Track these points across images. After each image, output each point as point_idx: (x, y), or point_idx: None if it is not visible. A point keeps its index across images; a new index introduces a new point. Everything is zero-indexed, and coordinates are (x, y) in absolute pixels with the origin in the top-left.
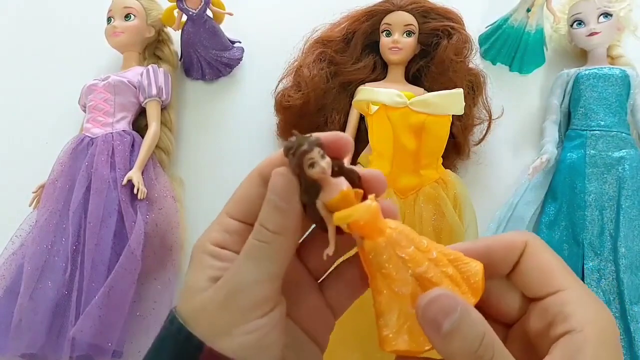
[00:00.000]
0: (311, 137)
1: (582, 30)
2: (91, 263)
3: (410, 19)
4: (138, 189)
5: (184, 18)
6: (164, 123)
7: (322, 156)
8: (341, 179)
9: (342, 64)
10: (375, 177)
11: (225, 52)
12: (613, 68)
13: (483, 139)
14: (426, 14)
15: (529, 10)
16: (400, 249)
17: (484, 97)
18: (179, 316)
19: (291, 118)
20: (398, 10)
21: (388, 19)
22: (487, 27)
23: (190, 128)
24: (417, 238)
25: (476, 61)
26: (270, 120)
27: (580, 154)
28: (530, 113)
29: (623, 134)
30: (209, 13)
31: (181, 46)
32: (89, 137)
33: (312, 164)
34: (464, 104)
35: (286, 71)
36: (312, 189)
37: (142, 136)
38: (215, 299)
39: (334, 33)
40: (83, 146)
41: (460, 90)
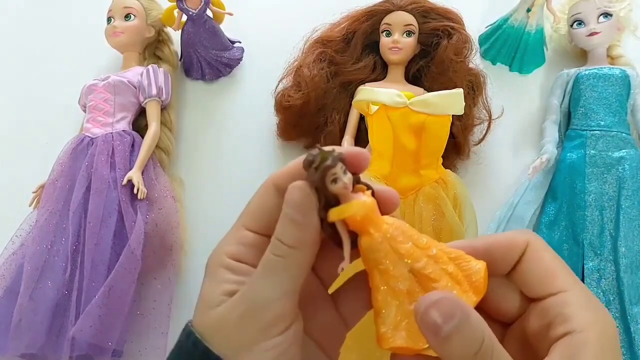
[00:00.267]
0: (334, 152)
1: (582, 30)
2: (91, 263)
3: (410, 19)
4: (138, 189)
5: (184, 18)
6: (164, 123)
7: (345, 172)
8: (359, 194)
9: (342, 64)
10: (388, 195)
11: (225, 52)
12: (613, 68)
13: (483, 139)
14: (426, 14)
15: (529, 10)
16: (397, 244)
17: (484, 97)
18: (195, 331)
19: (291, 118)
20: (398, 10)
21: (388, 19)
22: (487, 27)
23: (190, 128)
24: (415, 235)
25: (476, 61)
26: (270, 120)
27: (580, 154)
28: (530, 113)
29: (623, 134)
30: (209, 13)
31: (181, 46)
32: (89, 137)
33: (334, 180)
34: (464, 104)
35: (286, 71)
36: (331, 204)
37: (142, 136)
38: (233, 315)
39: (334, 33)
40: (83, 146)
41: (460, 90)
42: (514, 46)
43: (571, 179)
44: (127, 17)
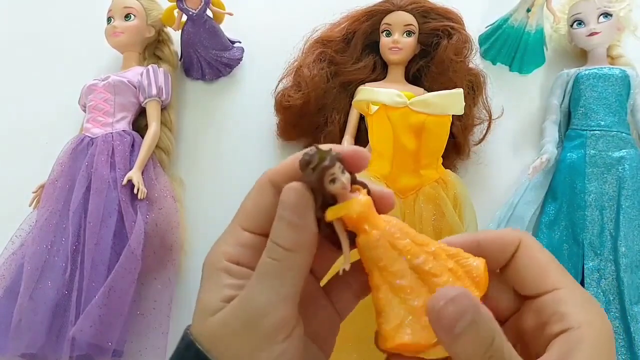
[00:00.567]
0: (332, 152)
1: (582, 30)
2: (91, 263)
3: (410, 19)
4: (138, 189)
5: (184, 18)
6: (164, 123)
7: (343, 171)
8: (356, 193)
9: (342, 64)
10: (384, 196)
11: (225, 52)
12: (613, 68)
13: (483, 139)
14: (426, 14)
15: (529, 10)
16: (394, 240)
17: (484, 97)
18: (195, 340)
19: (291, 118)
20: (398, 10)
21: (388, 19)
22: (487, 27)
23: (190, 128)
24: (412, 232)
25: (476, 61)
26: (270, 120)
27: (580, 154)
28: (530, 113)
29: (623, 134)
30: (209, 13)
31: (181, 46)
32: (89, 137)
33: (333, 180)
34: (464, 104)
35: (286, 71)
36: (329, 204)
37: (142, 136)
38: (232, 322)
39: (334, 33)
40: (83, 146)
41: (460, 90)
42: (514, 46)
43: (571, 178)
44: (127, 17)
